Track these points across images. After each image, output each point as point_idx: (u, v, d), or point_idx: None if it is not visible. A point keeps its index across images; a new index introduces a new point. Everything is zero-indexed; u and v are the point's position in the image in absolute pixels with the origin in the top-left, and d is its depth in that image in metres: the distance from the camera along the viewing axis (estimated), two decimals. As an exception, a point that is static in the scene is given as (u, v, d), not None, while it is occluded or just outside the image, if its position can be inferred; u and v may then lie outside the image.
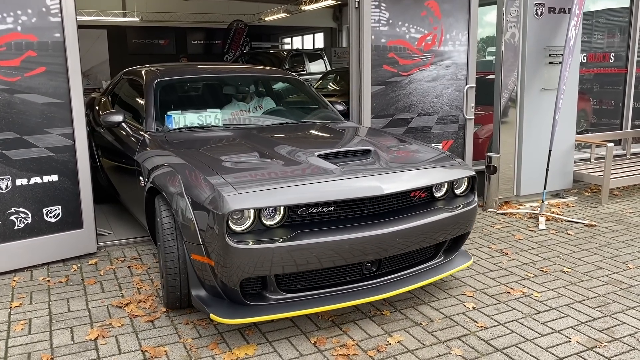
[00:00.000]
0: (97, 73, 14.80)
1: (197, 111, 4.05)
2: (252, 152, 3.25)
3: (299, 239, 2.71)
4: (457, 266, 3.41)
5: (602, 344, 2.87)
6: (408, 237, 2.98)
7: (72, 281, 3.68)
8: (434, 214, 3.13)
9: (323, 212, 2.87)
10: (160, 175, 3.17)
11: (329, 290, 2.93)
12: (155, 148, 3.55)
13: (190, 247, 2.87)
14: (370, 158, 3.22)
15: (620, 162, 6.42)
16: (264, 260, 2.66)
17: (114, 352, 2.80)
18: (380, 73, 4.97)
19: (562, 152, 5.73)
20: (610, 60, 6.98)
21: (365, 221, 2.92)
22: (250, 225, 2.73)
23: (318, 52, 14.37)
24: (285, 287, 2.89)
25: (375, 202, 2.97)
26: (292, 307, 2.82)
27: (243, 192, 2.68)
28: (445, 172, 3.30)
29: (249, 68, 5.03)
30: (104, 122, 3.94)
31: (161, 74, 4.30)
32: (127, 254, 4.18)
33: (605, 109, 7.22)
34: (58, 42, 3.80)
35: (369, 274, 3.07)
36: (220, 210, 2.61)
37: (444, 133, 5.37)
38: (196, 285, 2.96)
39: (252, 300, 2.82)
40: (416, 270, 3.21)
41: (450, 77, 5.30)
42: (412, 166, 3.21)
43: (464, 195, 3.42)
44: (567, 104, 5.60)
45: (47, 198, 3.91)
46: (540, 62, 5.52)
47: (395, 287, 3.05)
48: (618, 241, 4.46)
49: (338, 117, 4.52)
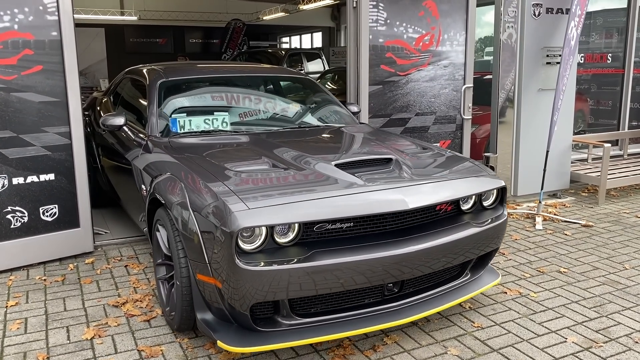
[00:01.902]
0: (95, 72, 14.77)
1: (204, 114, 3.80)
2: (263, 161, 3.00)
3: (316, 260, 2.44)
4: (484, 284, 3.13)
5: (598, 344, 2.88)
6: (435, 255, 2.72)
7: (68, 280, 3.68)
8: (462, 229, 2.86)
9: (341, 229, 2.62)
10: (163, 184, 2.97)
11: (347, 314, 2.67)
12: (158, 154, 3.34)
13: (195, 265, 2.62)
14: (392, 167, 2.96)
15: (618, 163, 6.44)
16: (278, 283, 2.41)
17: (110, 351, 2.80)
18: (378, 73, 4.97)
19: (559, 152, 5.73)
20: (608, 61, 6.99)
21: (387, 238, 2.66)
22: (261, 244, 2.48)
23: (316, 52, 14.36)
24: (299, 311, 2.64)
25: (399, 217, 2.72)
26: (307, 333, 2.56)
27: (254, 207, 2.43)
28: (474, 183, 3.01)
29: (258, 67, 4.61)
30: (105, 125, 3.70)
31: (165, 73, 4.05)
32: (123, 253, 4.17)
33: (603, 109, 7.23)
34: (55, 40, 3.79)
35: (390, 295, 2.81)
36: (229, 228, 2.36)
37: (441, 133, 5.37)
38: (202, 307, 2.69)
39: (263, 325, 2.57)
40: (441, 290, 2.94)
41: (448, 77, 5.31)
42: (437, 177, 2.93)
43: (492, 207, 3.16)
44: (565, 104, 5.61)
45: (44, 197, 3.90)
46: (537, 62, 5.53)
47: (420, 310, 2.78)
48: (615, 242, 4.46)
49: (353, 119, 4.24)
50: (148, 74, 4.14)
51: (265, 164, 2.95)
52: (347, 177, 2.76)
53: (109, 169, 4.46)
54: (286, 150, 3.19)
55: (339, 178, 2.75)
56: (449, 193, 2.86)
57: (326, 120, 4.16)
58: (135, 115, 4.11)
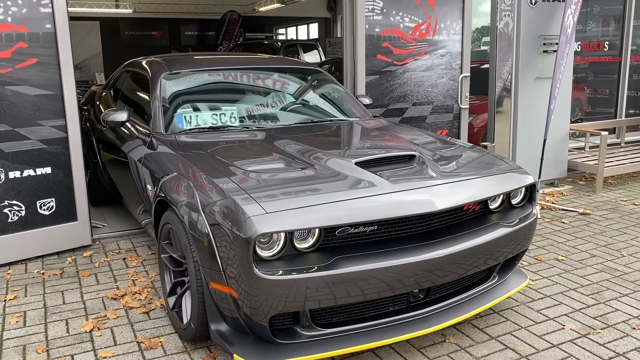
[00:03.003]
0: (90, 65, 14.69)
1: (211, 109, 3.60)
2: (278, 159, 2.81)
3: (339, 267, 2.27)
4: (513, 288, 2.95)
5: (596, 330, 2.89)
6: (468, 259, 2.55)
7: (66, 274, 3.67)
8: (492, 230, 2.69)
9: (364, 232, 2.44)
10: (171, 185, 2.78)
11: (371, 323, 2.50)
12: (164, 152, 3.15)
13: (208, 273, 2.43)
14: (416, 165, 2.76)
15: (615, 151, 6.44)
16: (299, 293, 2.24)
17: (109, 343, 2.80)
18: (375, 63, 4.95)
19: (556, 140, 5.73)
20: (605, 49, 6.98)
21: (413, 242, 2.49)
22: (280, 251, 2.30)
23: (312, 43, 14.31)
24: (320, 321, 2.46)
25: (425, 219, 2.55)
26: (330, 345, 2.40)
27: (272, 210, 2.25)
28: (504, 180, 2.82)
29: (266, 58, 4.36)
30: (106, 121, 3.53)
31: (168, 66, 3.83)
32: (121, 246, 4.17)
33: (600, 97, 7.23)
34: (49, 33, 3.77)
35: (416, 302, 2.64)
36: (245, 234, 2.18)
37: (438, 123, 5.36)
38: (216, 318, 2.51)
39: (282, 337, 2.40)
40: (469, 295, 2.77)
41: (445, 67, 5.29)
42: (465, 174, 2.74)
43: (521, 206, 2.99)
44: (562, 92, 5.60)
45: (41, 191, 3.89)
46: (534, 51, 5.51)
47: (447, 317, 2.61)
48: (612, 229, 4.47)
49: (366, 112, 4.06)
50: (150, 66, 3.95)
51: (280, 162, 2.77)
52: (370, 176, 2.57)
53: (111, 166, 4.30)
54: (301, 147, 3.01)
55: (362, 178, 2.56)
56: (479, 192, 2.68)
57: (339, 113, 3.96)
58: (138, 111, 3.93)
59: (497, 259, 2.75)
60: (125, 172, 3.80)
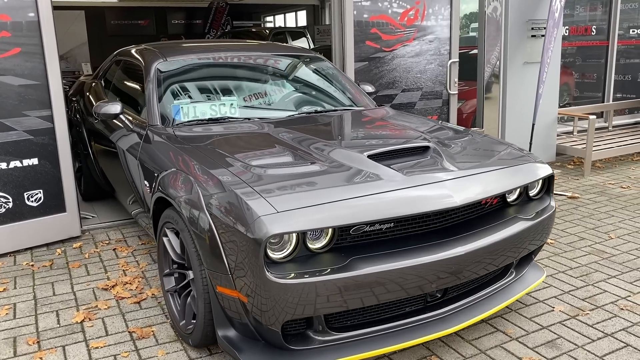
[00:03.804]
0: (76, 56, 14.50)
1: (209, 100, 3.41)
2: (285, 153, 2.65)
3: (356, 268, 2.13)
4: (530, 283, 2.83)
5: (585, 312, 2.92)
6: (489, 255, 2.43)
7: (56, 265, 3.65)
8: (512, 224, 2.56)
9: (380, 230, 2.30)
10: (171, 182, 2.61)
11: (387, 326, 2.37)
12: (162, 146, 2.98)
13: (214, 277, 2.28)
14: (430, 157, 2.62)
15: (603, 135, 6.48)
16: (314, 297, 2.10)
17: (100, 333, 2.79)
18: (364, 49, 4.93)
19: (545, 125, 5.76)
20: (592, 33, 7.00)
21: (430, 238, 2.35)
22: (292, 252, 2.16)
23: (301, 30, 14.23)
24: (334, 324, 2.33)
25: (443, 214, 2.42)
26: (345, 350, 2.26)
27: (284, 209, 2.09)
28: (523, 170, 2.69)
29: (266, 45, 4.15)
30: (98, 113, 3.33)
31: (163, 54, 3.62)
32: (111, 236, 4.15)
33: (588, 82, 7.26)
34: (32, 22, 3.71)
35: (433, 301, 2.51)
36: (255, 235, 2.03)
37: (428, 109, 5.36)
38: (223, 323, 2.37)
39: (294, 343, 2.26)
40: (487, 293, 2.65)
41: (434, 52, 5.28)
42: (482, 166, 2.60)
43: (538, 197, 2.87)
44: (550, 77, 5.62)
45: (28, 182, 3.85)
46: (522, 35, 5.52)
47: (466, 317, 2.48)
48: (600, 212, 4.52)
49: (370, 101, 3.90)
50: (143, 55, 3.75)
51: (288, 156, 2.61)
52: (384, 170, 2.42)
53: (103, 160, 4.11)
54: (308, 139, 2.84)
55: (376, 172, 2.41)
56: (499, 184, 2.53)
57: (343, 102, 3.79)
58: (131, 102, 3.74)
59: (518, 254, 2.62)
60: (119, 167, 3.65)
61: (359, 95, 3.93)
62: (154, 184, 2.84)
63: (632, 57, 7.38)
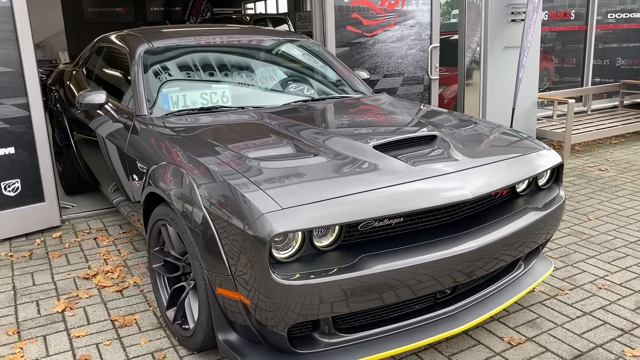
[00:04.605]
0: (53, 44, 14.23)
1: (200, 88, 3.24)
2: (285, 145, 2.49)
3: (366, 267, 2.00)
4: (539, 275, 2.72)
5: (564, 291, 2.97)
6: (503, 248, 2.32)
7: (36, 255, 3.60)
8: (524, 215, 2.46)
9: (389, 225, 2.18)
10: (163, 176, 2.46)
11: (397, 326, 2.25)
12: (151, 138, 2.81)
13: (214, 278, 2.14)
14: (438, 147, 2.49)
15: (582, 118, 6.56)
16: (323, 299, 1.97)
17: (82, 322, 2.77)
18: (345, 34, 4.91)
19: (525, 109, 5.81)
20: (571, 18, 7.05)
21: (441, 233, 2.24)
22: (297, 251, 2.03)
23: (282, 17, 14.12)
24: (341, 325, 2.20)
25: (454, 207, 2.31)
26: (353, 353, 2.14)
27: (289, 205, 1.95)
28: (534, 160, 2.58)
29: (257, 30, 3.95)
30: (82, 103, 3.17)
31: (149, 40, 3.44)
32: (92, 225, 4.10)
33: (567, 67, 7.33)
34: (5, 7, 3.62)
35: (442, 298, 2.40)
36: (259, 234, 1.89)
37: (409, 94, 5.37)
38: (223, 326, 2.22)
39: (300, 346, 2.13)
40: (497, 287, 2.54)
41: (415, 37, 5.28)
42: (493, 156, 2.49)
43: (547, 187, 2.77)
44: (530, 61, 5.65)
45: (4, 171, 3.78)
46: (502, 19, 5.54)
47: (476, 314, 2.37)
48: (579, 194, 4.58)
49: (367, 88, 3.78)
50: (127, 41, 3.56)
51: (288, 147, 2.45)
52: (392, 162, 2.29)
53: (87, 152, 3.94)
54: (308, 128, 2.70)
55: (383, 164, 2.27)
56: (511, 174, 2.42)
57: (340, 89, 3.65)
58: (116, 91, 3.56)
59: (530, 246, 2.53)
60: (104, 159, 3.49)
61: (356, 81, 3.82)
62: (145, 178, 2.67)
63: (610, 41, 7.46)
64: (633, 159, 5.65)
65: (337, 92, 3.61)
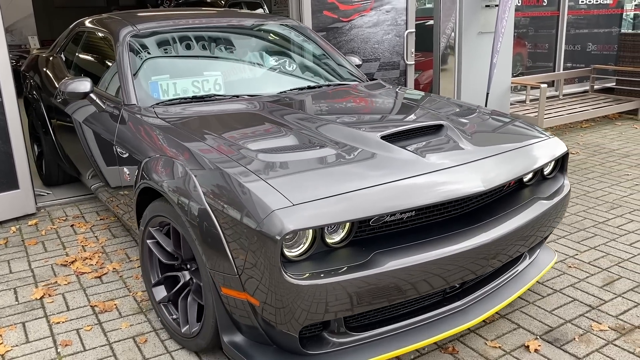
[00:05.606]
0: (22, 28, 13.85)
1: (192, 75, 3.08)
2: (289, 136, 2.37)
3: (381, 264, 1.92)
4: (544, 266, 2.68)
5: (536, 270, 3.07)
6: (516, 240, 2.27)
7: (11, 243, 3.56)
8: (533, 205, 2.41)
9: (401, 220, 2.10)
10: (158, 169, 2.33)
11: (407, 323, 2.18)
12: (142, 128, 2.67)
13: (218, 277, 2.03)
14: (445, 136, 2.42)
15: (554, 103, 6.70)
16: (338, 298, 1.88)
17: (61, 309, 2.76)
18: (321, 19, 4.91)
19: (499, 94, 5.90)
20: (544, 4, 7.15)
21: (453, 226, 2.17)
22: (309, 248, 1.94)
23: (257, 1, 13.96)
24: (352, 324, 2.13)
25: (465, 199, 2.24)
26: (365, 352, 2.06)
27: (299, 202, 1.85)
28: (541, 148, 2.53)
29: (247, 14, 3.79)
30: (65, 92, 3.00)
31: (133, 24, 3.26)
32: (68, 213, 4.06)
33: (540, 52, 7.45)
34: (-26, -10, 3.53)
35: (451, 292, 2.35)
36: (269, 232, 1.79)
37: (386, 80, 5.41)
38: (228, 327, 2.13)
39: (310, 346, 2.05)
40: (504, 279, 2.49)
41: (391, 22, 5.31)
42: (501, 145, 2.43)
43: (552, 177, 2.73)
44: (504, 46, 5.73)
45: (-23, 159, 3.72)
46: (477, 5, 5.59)
47: (485, 308, 2.32)
48: (551, 177, 4.70)
49: (362, 75, 3.68)
50: (110, 26, 3.38)
51: (292, 138, 2.34)
52: (401, 153, 2.20)
53: (67, 142, 3.77)
54: (308, 118, 2.58)
55: (393, 155, 2.18)
56: (522, 164, 2.37)
57: (336, 76, 3.52)
58: (98, 79, 3.38)
59: (539, 237, 2.49)
60: (88, 150, 3.33)
61: (351, 68, 3.71)
62: (137, 172, 2.53)
63: (581, 27, 7.59)
64: (602, 142, 5.81)
65: (334, 78, 3.51)
